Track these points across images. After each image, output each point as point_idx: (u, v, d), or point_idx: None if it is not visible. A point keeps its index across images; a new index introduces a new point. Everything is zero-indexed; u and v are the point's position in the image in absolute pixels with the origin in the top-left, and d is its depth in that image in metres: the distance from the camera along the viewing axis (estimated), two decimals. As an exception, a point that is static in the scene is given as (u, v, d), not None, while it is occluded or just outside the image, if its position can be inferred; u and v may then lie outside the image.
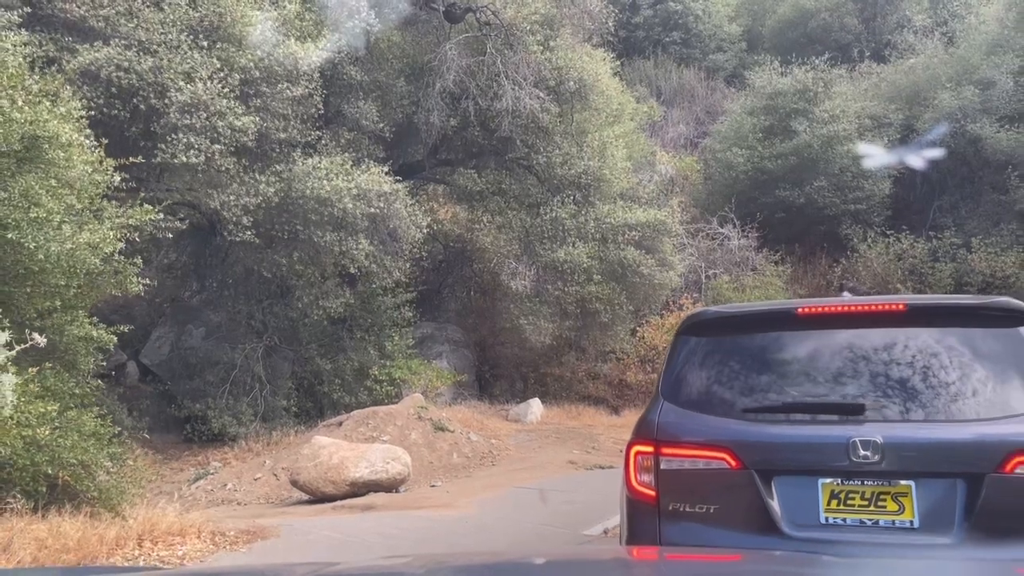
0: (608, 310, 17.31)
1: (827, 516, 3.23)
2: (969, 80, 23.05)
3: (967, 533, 3.10)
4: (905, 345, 3.36)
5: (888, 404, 3.26)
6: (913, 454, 3.17)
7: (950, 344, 3.33)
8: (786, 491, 3.29)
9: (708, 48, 35.60)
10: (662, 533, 3.33)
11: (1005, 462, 3.08)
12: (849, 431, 3.23)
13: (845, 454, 3.20)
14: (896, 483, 3.17)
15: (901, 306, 3.44)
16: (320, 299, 13.15)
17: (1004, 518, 3.09)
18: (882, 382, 3.30)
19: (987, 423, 3.16)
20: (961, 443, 3.16)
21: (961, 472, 3.14)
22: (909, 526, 3.16)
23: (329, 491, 9.06)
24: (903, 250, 21.54)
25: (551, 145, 16.32)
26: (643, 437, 3.53)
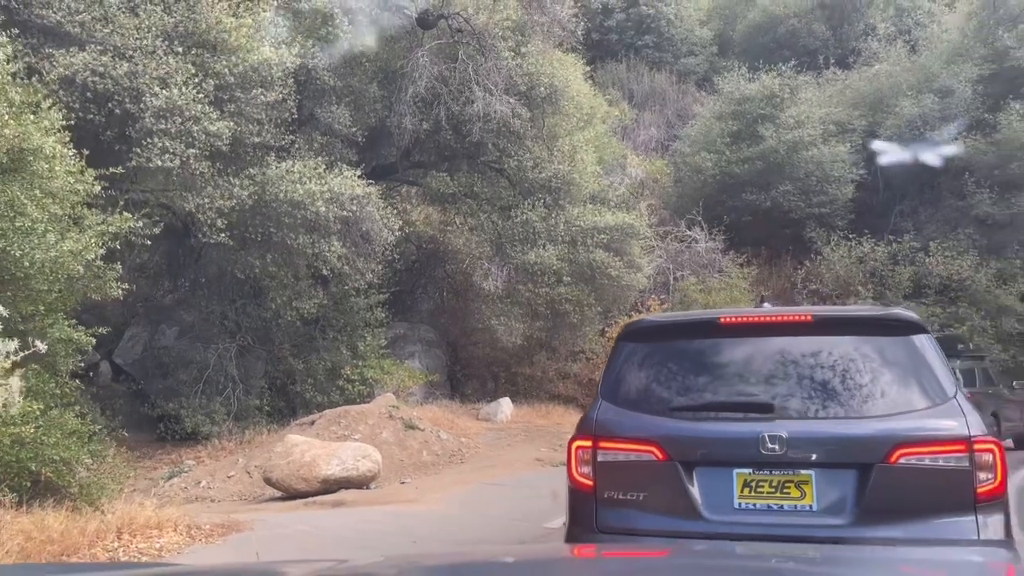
0: (577, 311, 17.68)
1: (740, 502, 3.67)
2: (929, 88, 23.73)
3: (858, 516, 3.53)
4: (811, 351, 3.79)
5: (793, 403, 3.71)
6: (813, 447, 3.61)
7: (850, 350, 3.76)
8: (705, 480, 3.71)
9: (680, 52, 36.03)
10: (598, 518, 3.79)
11: (891, 454, 3.52)
12: (759, 427, 3.65)
13: (756, 447, 3.62)
14: (799, 472, 3.60)
15: (809, 317, 3.88)
16: (293, 300, 13.36)
17: (890, 502, 3.53)
18: (790, 383, 3.74)
19: (878, 420, 3.59)
20: (854, 437, 3.60)
21: (854, 463, 3.58)
22: (809, 510, 3.59)
23: (301, 488, 9.31)
24: (864, 253, 22.13)
25: (522, 149, 16.63)
26: (583, 433, 3.95)
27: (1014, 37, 23.08)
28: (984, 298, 20.98)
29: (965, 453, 3.48)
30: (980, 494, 3.44)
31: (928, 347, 3.77)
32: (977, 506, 3.43)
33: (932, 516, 3.47)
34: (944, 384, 3.68)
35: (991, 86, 23.02)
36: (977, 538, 3.40)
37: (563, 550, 3.05)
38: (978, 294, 21.02)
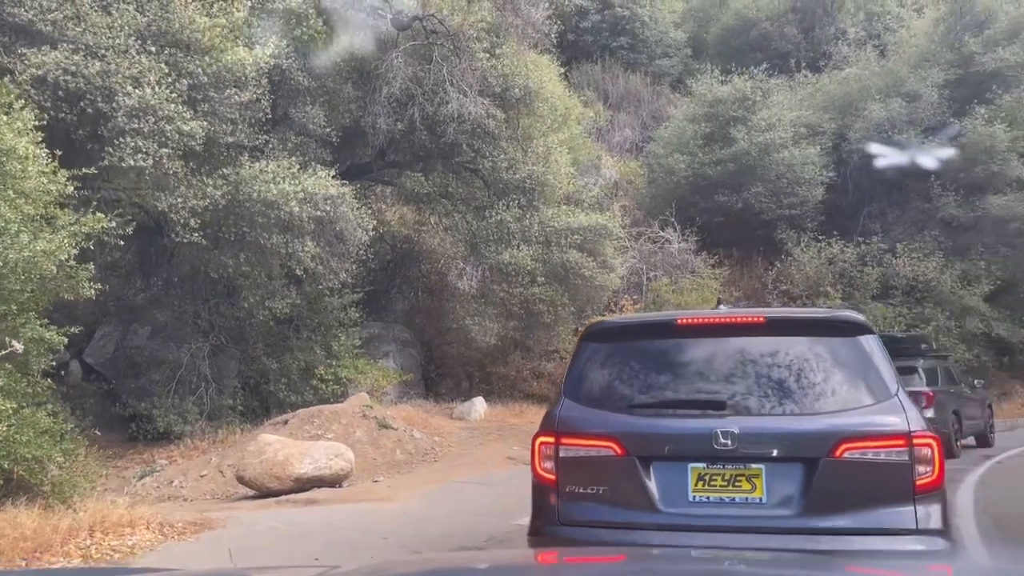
0: (551, 311, 17.82)
1: (695, 495, 3.84)
2: (897, 92, 24.19)
3: (805, 507, 3.72)
4: (763, 351, 3.96)
5: (745, 400, 3.88)
6: (763, 442, 3.79)
7: (800, 350, 3.93)
8: (662, 474, 3.88)
9: (654, 54, 36.30)
10: (560, 511, 3.95)
11: (835, 448, 3.71)
12: (713, 424, 3.82)
13: (709, 443, 3.80)
14: (749, 466, 3.78)
15: (761, 319, 4.06)
16: (267, 299, 13.36)
17: (834, 494, 3.71)
18: (742, 382, 3.91)
19: (824, 416, 3.77)
20: (801, 433, 3.78)
21: (801, 457, 3.76)
22: (759, 502, 3.77)
23: (274, 487, 9.35)
24: (834, 255, 22.52)
25: (497, 150, 16.73)
26: (546, 430, 4.11)
27: (979, 43, 23.59)
28: (949, 299, 21.44)
29: (905, 447, 3.66)
30: (919, 486, 3.62)
31: (874, 347, 3.95)
32: (916, 497, 3.61)
33: (874, 507, 3.65)
34: (887, 382, 3.85)
35: (957, 91, 23.52)
36: (915, 527, 3.59)
37: (527, 556, 3.18)
38: (943, 295, 21.48)
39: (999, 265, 21.98)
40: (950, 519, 3.80)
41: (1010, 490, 9.84)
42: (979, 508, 8.29)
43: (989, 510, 8.20)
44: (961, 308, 21.38)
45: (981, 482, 10.36)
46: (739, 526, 3.71)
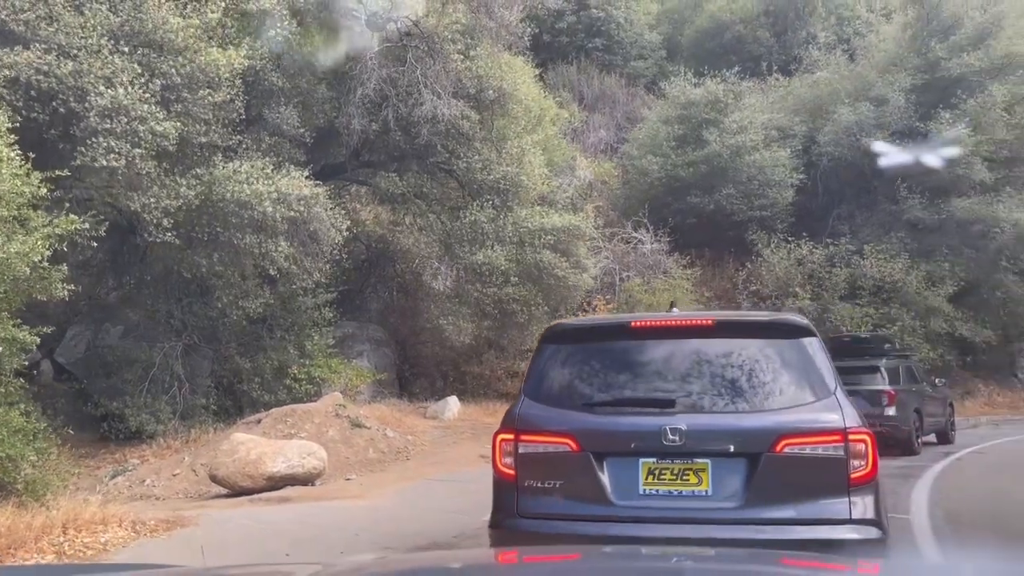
0: (525, 311, 17.98)
1: (645, 488, 4.05)
2: (866, 96, 24.64)
3: (747, 499, 3.94)
4: (711, 352, 4.17)
5: (693, 399, 4.09)
6: (709, 438, 4.01)
7: (746, 351, 4.15)
8: (615, 469, 4.09)
9: (629, 55, 36.55)
10: (519, 504, 4.14)
11: (776, 443, 3.93)
12: (662, 421, 4.02)
13: (659, 439, 4.00)
14: (696, 461, 3.99)
15: (710, 321, 4.27)
16: (240, 299, 13.40)
17: (775, 487, 3.94)
18: (691, 381, 4.12)
19: (766, 414, 3.99)
20: (745, 429, 3.99)
21: (744, 452, 3.99)
22: (705, 495, 4.00)
23: (247, 485, 9.44)
24: (803, 256, 22.88)
25: (471, 151, 16.86)
26: (506, 427, 4.30)
27: (945, 49, 24.06)
28: (914, 299, 21.88)
29: (841, 443, 3.88)
30: (853, 479, 3.85)
31: (815, 349, 4.17)
32: (850, 489, 3.84)
33: (812, 499, 3.88)
34: (827, 381, 4.07)
35: (923, 95, 23.98)
36: (850, 517, 3.82)
37: (487, 556, 3.33)
38: (909, 295, 21.92)
39: (962, 267, 22.46)
40: (884, 509, 4.02)
41: (965, 486, 10.16)
42: (933, 502, 8.58)
43: (943, 504, 8.49)
44: (926, 308, 21.82)
45: (938, 478, 10.67)
46: (686, 517, 3.93)
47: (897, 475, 11.05)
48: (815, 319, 21.94)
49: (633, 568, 2.16)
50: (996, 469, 11.79)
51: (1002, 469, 11.73)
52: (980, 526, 7.40)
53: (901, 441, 13.36)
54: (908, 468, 11.70)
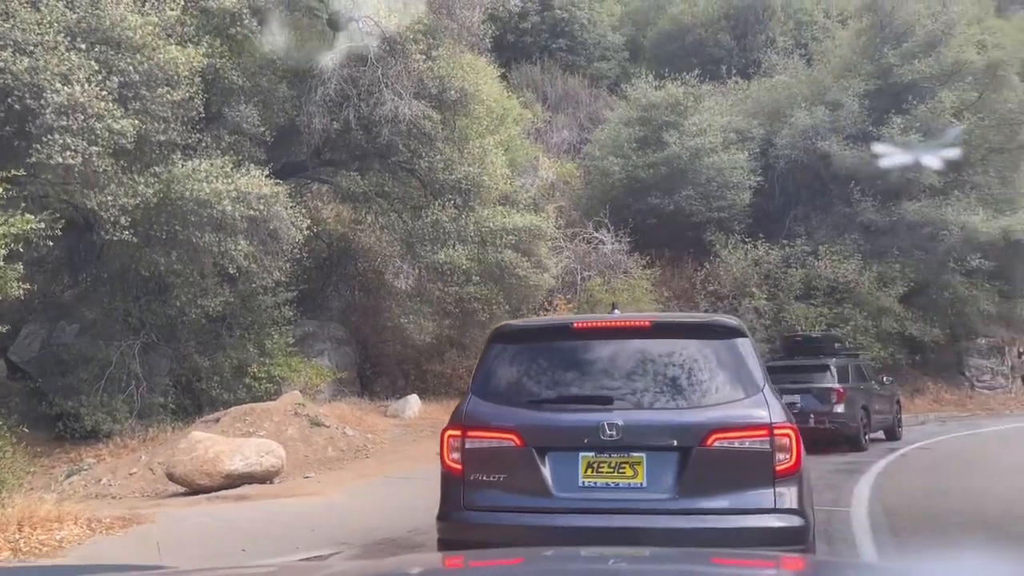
0: (486, 310, 18.11)
1: (584, 481, 4.27)
2: (822, 100, 25.18)
3: (679, 490, 4.18)
4: (648, 352, 4.39)
5: (630, 396, 4.31)
6: (644, 433, 4.22)
7: (680, 351, 4.37)
8: (556, 463, 4.31)
9: (593, 56, 36.81)
10: (465, 497, 4.33)
11: (706, 438, 4.17)
12: (601, 417, 4.23)
13: (597, 434, 4.21)
14: (632, 455, 4.20)
15: (647, 323, 4.48)
16: (199, 297, 13.36)
17: (705, 479, 4.18)
18: (628, 380, 4.34)
19: (698, 410, 4.22)
20: (677, 424, 4.21)
21: (676, 446, 4.21)
22: (640, 487, 4.22)
23: (204, 483, 9.47)
24: (759, 256, 23.34)
25: (433, 150, 16.94)
26: (454, 424, 4.49)
27: (898, 55, 24.68)
28: (867, 299, 22.44)
29: (767, 437, 4.11)
30: (778, 471, 4.08)
31: (747, 349, 4.40)
32: (775, 481, 4.08)
33: (739, 489, 4.12)
34: (756, 380, 4.30)
35: (876, 100, 24.58)
36: (774, 507, 4.06)
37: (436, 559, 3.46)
38: (861, 296, 22.48)
39: (913, 268, 23.07)
40: (807, 499, 4.25)
41: (906, 481, 10.54)
42: (874, 497, 8.92)
43: (883, 498, 8.83)
44: (878, 308, 22.39)
45: (882, 473, 11.04)
46: (623, 508, 4.17)
47: (843, 470, 11.43)
48: (771, 319, 22.44)
49: (572, 570, 2.29)
50: (937, 464, 12.22)
51: (943, 464, 12.17)
52: (915, 519, 7.72)
53: (849, 437, 13.78)
54: (855, 463, 12.08)
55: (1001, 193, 23.98)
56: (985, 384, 25.41)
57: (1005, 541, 6.63)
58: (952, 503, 8.48)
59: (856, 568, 3.15)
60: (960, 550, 6.23)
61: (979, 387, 25.24)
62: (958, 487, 9.56)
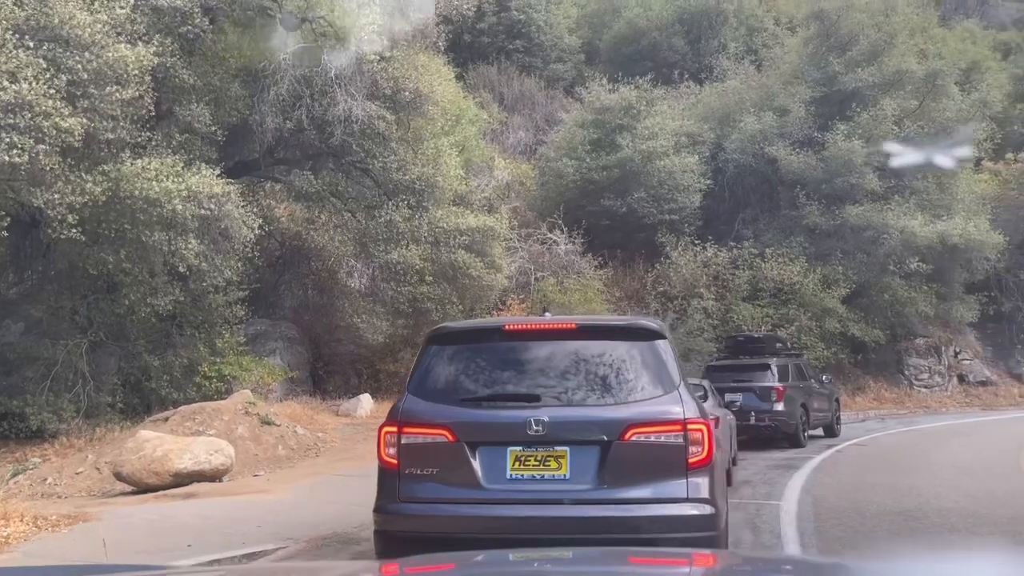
0: (440, 309, 18.28)
1: (512, 473, 4.55)
2: (770, 106, 25.82)
3: (600, 481, 4.48)
4: (573, 352, 4.67)
5: (556, 394, 4.58)
6: (567, 429, 4.50)
7: (605, 352, 4.66)
8: (486, 457, 4.58)
9: (549, 58, 37.11)
10: (400, 490, 4.56)
11: (625, 432, 4.45)
12: (528, 414, 4.50)
13: (524, 430, 4.48)
14: (556, 449, 4.49)
15: (573, 325, 4.76)
16: (148, 296, 13.30)
17: (623, 471, 4.50)
18: (554, 378, 4.63)
19: (617, 407, 4.52)
20: (598, 420, 4.51)
21: (598, 440, 4.50)
22: (563, 478, 4.53)
23: (153, 482, 9.50)
24: (708, 258, 23.88)
25: (387, 151, 17.03)
26: (390, 421, 4.72)
27: (842, 63, 25.43)
28: (811, 301, 23.10)
29: (681, 432, 4.42)
30: (691, 463, 4.40)
31: (666, 350, 4.70)
32: (688, 472, 4.39)
33: (655, 480, 4.43)
34: (673, 378, 4.60)
35: (822, 107, 25.31)
36: (687, 496, 4.37)
37: (373, 566, 3.62)
38: (806, 297, 23.13)
39: (855, 270, 23.80)
40: (718, 489, 4.57)
41: (837, 475, 11.00)
42: (805, 490, 9.33)
43: (813, 492, 9.25)
44: (821, 309, 23.06)
45: (816, 468, 11.50)
46: (547, 499, 4.46)
47: (781, 466, 11.88)
48: (719, 319, 22.98)
49: (501, 574, 2.47)
50: (869, 460, 12.73)
51: (875, 460, 12.69)
52: (840, 511, 8.12)
53: (789, 434, 14.26)
54: (792, 459, 12.54)
55: (938, 199, 24.82)
56: (923, 383, 26.32)
57: (917, 532, 7.05)
58: (876, 496, 8.91)
59: (767, 562, 3.38)
60: (873, 540, 6.62)
61: (917, 385, 26.13)
62: (884, 482, 10.02)
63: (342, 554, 6.46)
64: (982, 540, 6.73)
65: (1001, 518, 7.69)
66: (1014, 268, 28.40)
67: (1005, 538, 6.85)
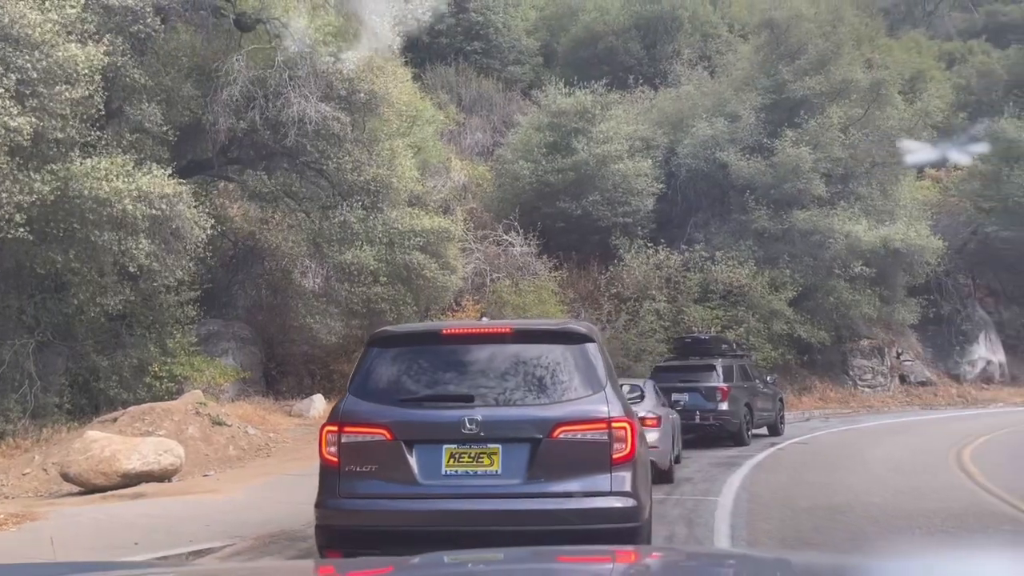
0: (394, 310, 18.35)
1: (447, 470, 4.81)
2: (721, 112, 26.38)
3: (530, 476, 4.76)
4: (508, 355, 4.92)
5: (489, 395, 4.83)
6: (500, 427, 4.76)
7: (537, 354, 4.92)
8: (422, 455, 4.82)
9: (507, 60, 37.28)
10: (340, 487, 4.76)
11: (553, 430, 4.72)
12: (462, 413, 4.75)
13: (459, 429, 4.73)
14: (489, 446, 4.75)
15: (509, 329, 5.00)
16: (98, 296, 13.22)
17: (552, 466, 4.77)
18: (488, 380, 4.89)
19: (547, 407, 4.79)
20: (528, 419, 4.77)
21: (528, 438, 4.77)
22: (496, 474, 4.80)
23: (101, 483, 9.51)
24: (661, 260, 24.32)
25: (342, 151, 17.08)
26: (332, 421, 4.94)
27: (791, 72, 26.09)
28: (759, 303, 23.68)
29: (606, 430, 4.70)
30: (615, 459, 4.67)
31: (595, 353, 4.97)
32: (612, 467, 4.67)
33: (581, 475, 4.71)
34: (600, 379, 4.88)
35: (772, 114, 25.94)
36: (610, 490, 4.64)
37: (306, 569, 3.74)
38: (754, 299, 23.70)
39: (802, 273, 24.45)
40: (641, 483, 4.85)
41: (776, 472, 11.41)
42: (743, 487, 9.70)
43: (750, 488, 9.62)
44: (769, 311, 23.66)
45: (757, 466, 11.91)
46: (480, 493, 4.73)
47: (723, 463, 12.26)
48: (671, 320, 23.42)
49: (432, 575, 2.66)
50: (809, 458, 13.19)
51: (814, 458, 13.15)
52: (773, 506, 8.48)
53: (733, 433, 14.69)
54: (735, 457, 12.94)
55: (882, 204, 25.62)
56: (867, 383, 27.14)
57: (841, 525, 7.42)
58: (809, 492, 9.31)
59: (689, 556, 3.60)
60: (800, 533, 6.96)
61: (861, 386, 26.93)
62: (819, 479, 10.44)
63: (288, 551, 6.61)
64: (899, 533, 7.12)
65: (923, 512, 8.10)
66: (953, 272, 29.43)
67: (920, 530, 7.24)
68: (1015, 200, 27.75)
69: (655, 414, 10.16)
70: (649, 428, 9.34)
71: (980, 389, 29.09)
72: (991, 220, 28.66)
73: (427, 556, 3.06)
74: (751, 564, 3.02)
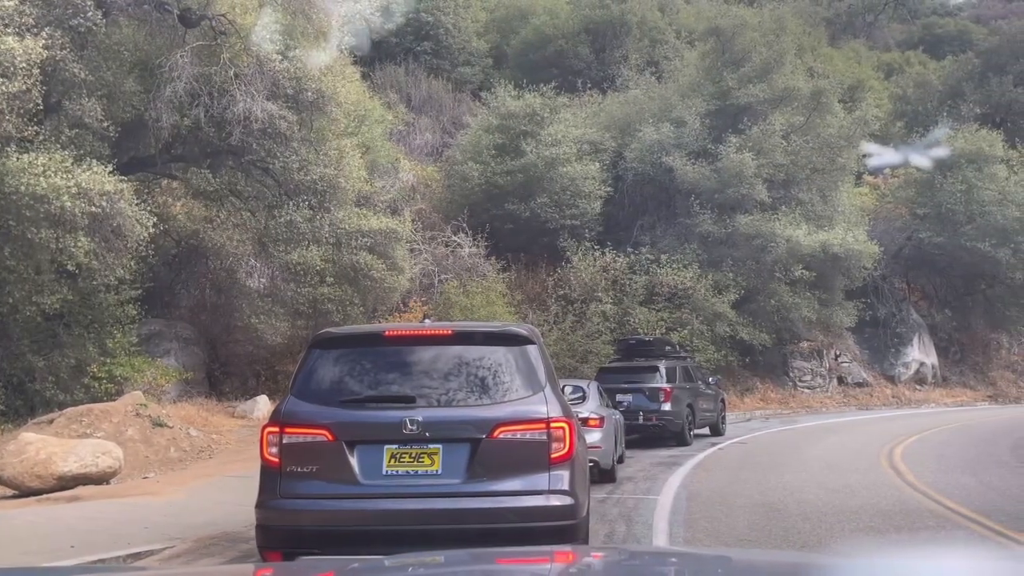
0: (340, 310, 18.25)
1: (388, 470, 4.86)
2: (668, 117, 26.81)
3: (469, 476, 4.85)
4: (449, 357, 5.00)
5: (430, 396, 4.91)
6: (440, 428, 4.84)
7: (477, 356, 5.02)
8: (363, 455, 4.87)
9: (457, 61, 37.34)
10: (281, 487, 4.80)
11: (493, 431, 4.82)
12: (403, 414, 4.82)
13: (400, 429, 4.79)
14: (430, 446, 4.82)
15: (449, 331, 5.09)
16: (34, 294, 12.91)
17: (491, 466, 4.88)
18: (429, 381, 4.96)
19: (487, 407, 4.89)
20: (468, 420, 4.88)
21: (468, 438, 4.87)
22: (436, 473, 4.89)
23: (35, 485, 9.29)
24: (607, 263, 24.62)
25: (289, 150, 16.90)
26: (273, 421, 4.97)
27: (735, 79, 26.66)
28: (703, 305, 24.13)
29: (544, 430, 4.82)
30: (553, 458, 4.80)
31: (535, 355, 5.09)
32: (550, 466, 4.78)
33: (520, 474, 4.82)
34: (540, 381, 4.99)
35: (716, 120, 26.47)
36: (548, 489, 4.77)
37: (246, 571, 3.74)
38: (698, 302, 24.15)
39: (744, 276, 24.99)
40: (579, 482, 4.98)
41: (715, 471, 11.69)
42: (683, 485, 9.92)
43: (689, 487, 9.85)
44: (713, 314, 24.12)
45: (697, 465, 12.18)
46: (421, 492, 4.81)
47: (665, 463, 12.51)
48: (617, 322, 23.72)
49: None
50: (747, 457, 13.53)
51: (752, 457, 13.49)
52: (711, 504, 8.71)
53: (675, 433, 14.98)
54: (676, 457, 13.21)
55: (822, 210, 26.33)
56: (806, 384, 27.87)
57: (776, 523, 7.66)
58: (746, 490, 9.57)
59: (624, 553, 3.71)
60: (735, 530, 7.18)
61: (801, 387, 27.65)
62: (756, 477, 10.73)
63: (229, 552, 6.58)
64: (830, 529, 7.38)
65: (851, 508, 8.41)
66: (889, 276, 30.39)
67: (850, 527, 7.52)
68: (948, 207, 28.81)
69: (598, 415, 10.34)
70: (592, 428, 9.52)
71: (913, 390, 30.10)
72: (925, 226, 29.68)
73: (367, 560, 3.11)
74: (692, 561, 3.14)
